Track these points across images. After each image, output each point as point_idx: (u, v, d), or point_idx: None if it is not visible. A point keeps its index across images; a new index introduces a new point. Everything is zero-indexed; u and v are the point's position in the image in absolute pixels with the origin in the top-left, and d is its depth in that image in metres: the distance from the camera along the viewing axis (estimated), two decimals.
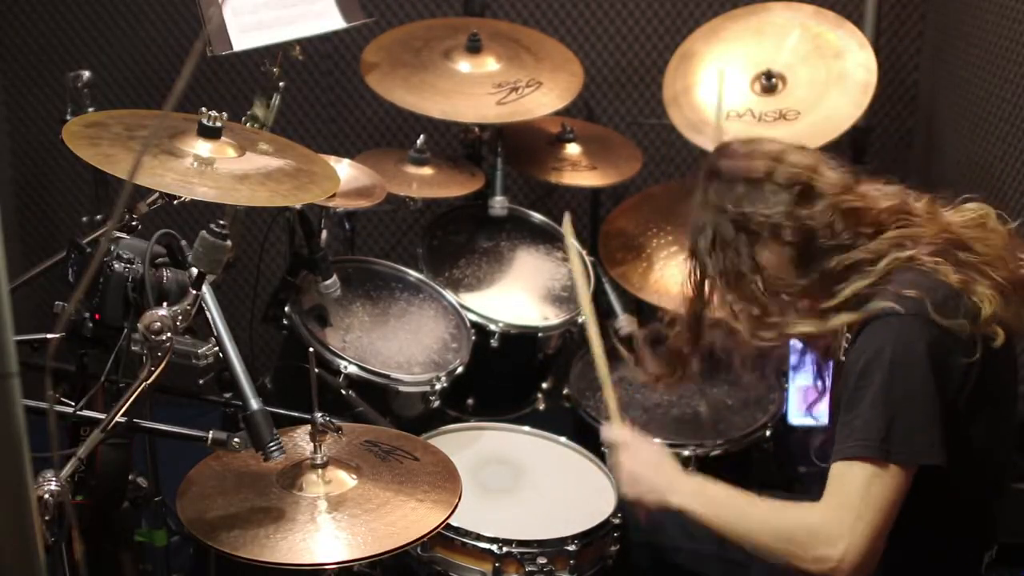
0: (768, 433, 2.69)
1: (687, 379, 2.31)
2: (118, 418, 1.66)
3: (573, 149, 3.20)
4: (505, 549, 2.17)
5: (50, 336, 1.77)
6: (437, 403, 2.64)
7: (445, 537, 2.18)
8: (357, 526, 1.79)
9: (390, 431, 2.15)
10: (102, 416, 1.68)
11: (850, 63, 2.95)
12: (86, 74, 2.57)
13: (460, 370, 2.69)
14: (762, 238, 1.95)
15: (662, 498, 1.99)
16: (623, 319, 2.96)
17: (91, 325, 1.75)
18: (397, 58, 3.05)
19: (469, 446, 2.50)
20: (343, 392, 2.49)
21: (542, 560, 2.18)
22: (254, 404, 1.73)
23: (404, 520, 1.82)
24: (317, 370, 1.93)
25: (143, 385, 1.66)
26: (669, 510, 1.99)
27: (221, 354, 1.80)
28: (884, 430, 1.76)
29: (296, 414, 1.98)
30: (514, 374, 2.98)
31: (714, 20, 3.15)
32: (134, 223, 1.92)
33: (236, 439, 1.73)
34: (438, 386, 2.62)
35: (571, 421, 2.82)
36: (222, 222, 1.68)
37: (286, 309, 2.62)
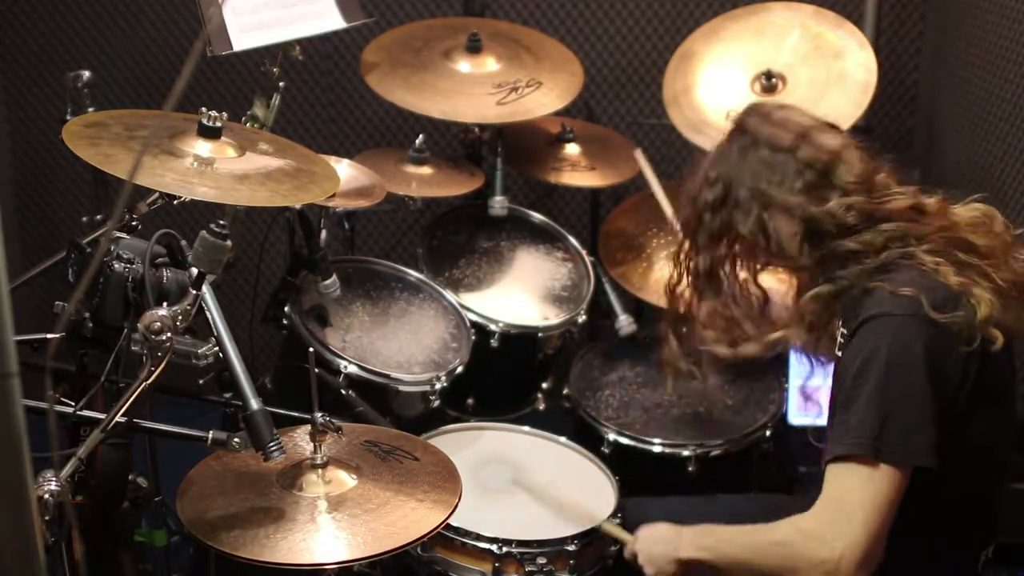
0: (768, 433, 2.69)
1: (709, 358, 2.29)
2: (118, 418, 1.66)
3: (573, 149, 3.20)
4: (505, 549, 2.17)
5: (50, 336, 1.77)
6: (437, 403, 2.64)
7: (445, 537, 2.18)
8: (357, 526, 1.79)
9: (390, 431, 2.15)
10: (102, 416, 1.68)
11: (850, 63, 2.95)
12: (86, 74, 2.57)
13: (460, 370, 2.69)
14: (772, 206, 1.93)
15: (673, 558, 2.01)
16: (623, 319, 2.96)
17: (91, 324, 1.75)
18: (397, 58, 3.05)
19: (469, 446, 2.50)
20: (343, 392, 2.49)
21: (542, 560, 2.18)
22: (254, 404, 1.73)
23: (404, 520, 1.82)
24: (317, 370, 1.93)
25: (143, 385, 1.66)
26: (687, 567, 2.01)
27: (221, 354, 1.80)
28: (878, 428, 1.76)
29: (296, 414, 1.98)
30: (514, 374, 2.98)
31: (714, 20, 3.15)
32: (134, 223, 1.92)
33: (236, 439, 1.73)
34: (438, 386, 2.62)
35: (571, 421, 2.82)
36: (222, 222, 1.68)
37: (286, 309, 2.62)
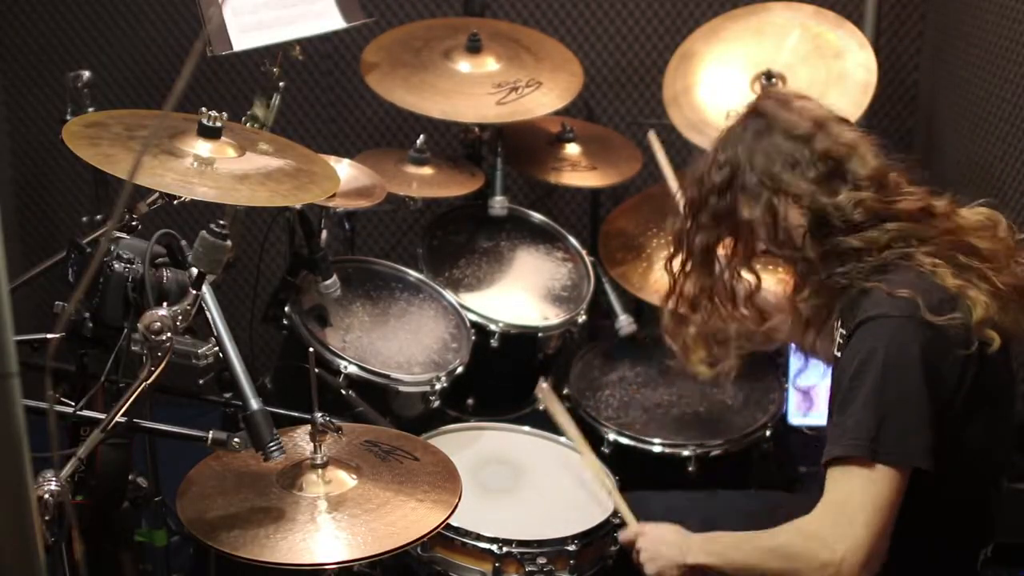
0: (768, 433, 2.69)
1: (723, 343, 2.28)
2: (118, 418, 1.66)
3: (573, 149, 3.20)
4: (505, 549, 2.17)
5: (50, 336, 1.77)
6: (437, 403, 2.64)
7: (445, 537, 2.18)
8: (357, 526, 1.79)
9: (390, 431, 2.15)
10: (102, 416, 1.68)
11: (850, 63, 2.95)
12: (86, 74, 2.57)
13: (460, 370, 2.69)
14: (782, 192, 1.92)
15: (679, 562, 2.02)
16: (623, 319, 2.96)
17: (91, 324, 1.75)
18: (397, 58, 3.05)
19: (469, 446, 2.49)
20: (343, 392, 2.49)
21: (542, 560, 2.18)
22: (254, 404, 1.73)
23: (404, 520, 1.82)
24: (317, 370, 1.93)
25: (143, 385, 1.66)
26: (692, 571, 2.02)
27: (221, 354, 1.80)
28: (875, 430, 1.76)
29: (296, 414, 1.98)
30: (514, 374, 2.97)
31: (714, 20, 3.15)
32: (134, 223, 1.92)
33: (236, 439, 1.73)
34: (438, 386, 2.62)
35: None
36: (222, 222, 1.68)
37: (286, 309, 2.62)
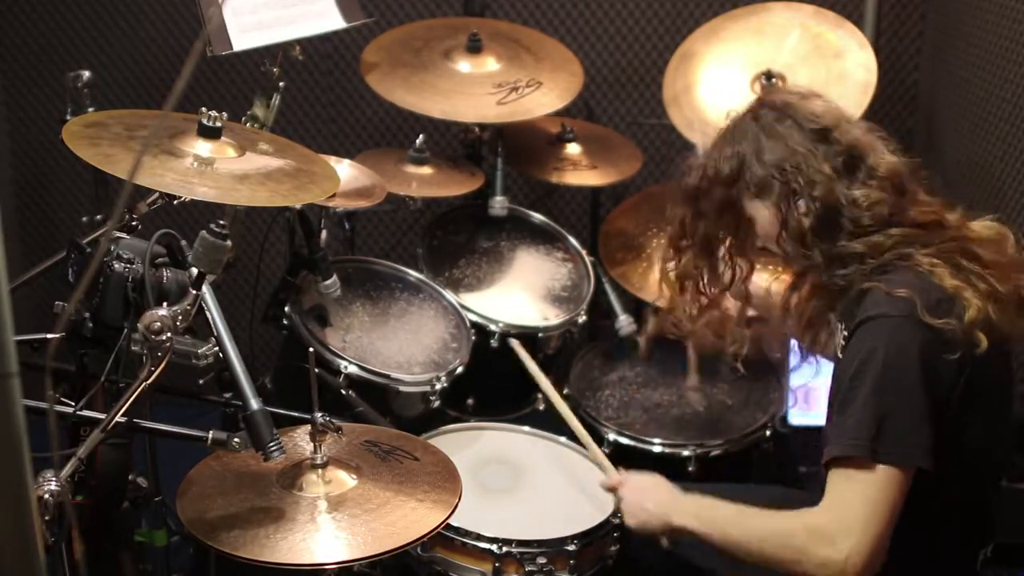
0: (768, 433, 2.69)
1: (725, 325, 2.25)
2: (118, 418, 1.66)
3: (573, 149, 3.20)
4: (505, 549, 2.17)
5: (50, 336, 1.77)
6: (437, 403, 2.64)
7: (445, 537, 2.18)
8: (357, 526, 1.79)
9: (390, 431, 2.15)
10: (102, 416, 1.68)
11: (850, 63, 2.95)
12: (86, 74, 2.57)
13: (460, 370, 2.69)
14: (789, 188, 1.89)
15: (665, 521, 2.01)
16: (623, 319, 2.96)
17: (91, 324, 1.75)
18: (397, 58, 3.05)
19: (469, 446, 2.50)
20: (343, 392, 2.49)
21: (542, 560, 2.18)
22: (254, 404, 1.73)
23: (404, 520, 1.82)
24: (317, 370, 1.93)
25: (143, 385, 1.66)
26: (675, 533, 2.00)
27: (221, 354, 1.80)
28: (875, 430, 1.76)
29: (296, 414, 1.98)
30: (514, 374, 2.97)
31: (714, 20, 3.15)
32: (134, 223, 1.91)
33: (236, 439, 1.73)
34: (438, 386, 2.62)
35: None
36: (222, 222, 1.68)
37: (286, 309, 2.62)
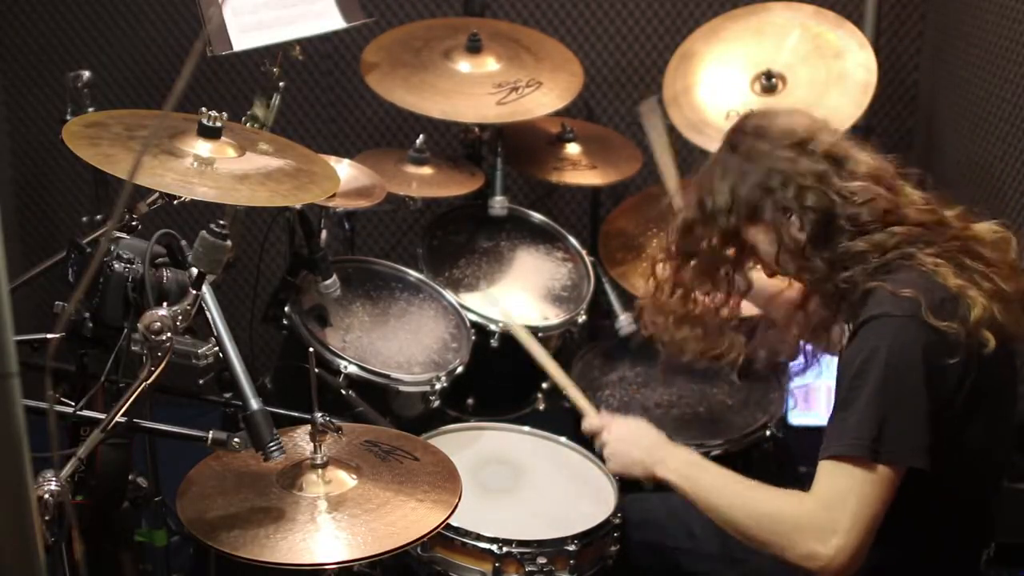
0: (768, 433, 2.69)
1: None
2: (118, 418, 1.66)
3: (573, 149, 3.20)
4: (505, 549, 2.17)
5: (50, 336, 1.77)
6: (437, 403, 2.64)
7: (445, 537, 2.18)
8: (357, 526, 1.79)
9: (390, 431, 2.15)
10: (102, 416, 1.68)
11: (850, 63, 2.95)
12: (86, 74, 2.57)
13: (460, 370, 2.69)
14: (782, 203, 1.91)
15: (648, 471, 2.00)
16: (623, 319, 2.96)
17: (91, 324, 1.75)
18: (397, 58, 3.05)
19: (469, 446, 2.49)
20: (343, 392, 2.49)
21: (542, 560, 2.17)
22: (254, 404, 1.73)
23: (404, 520, 1.81)
24: (317, 370, 1.93)
25: (143, 385, 1.65)
26: (658, 482, 1.99)
27: (221, 354, 1.80)
28: (876, 430, 1.76)
29: (296, 414, 1.98)
30: (514, 374, 2.97)
31: (714, 20, 3.15)
32: (134, 223, 1.92)
33: (236, 439, 1.73)
34: (438, 386, 2.62)
35: (571, 421, 2.81)
36: (222, 222, 1.68)
37: (286, 309, 2.61)
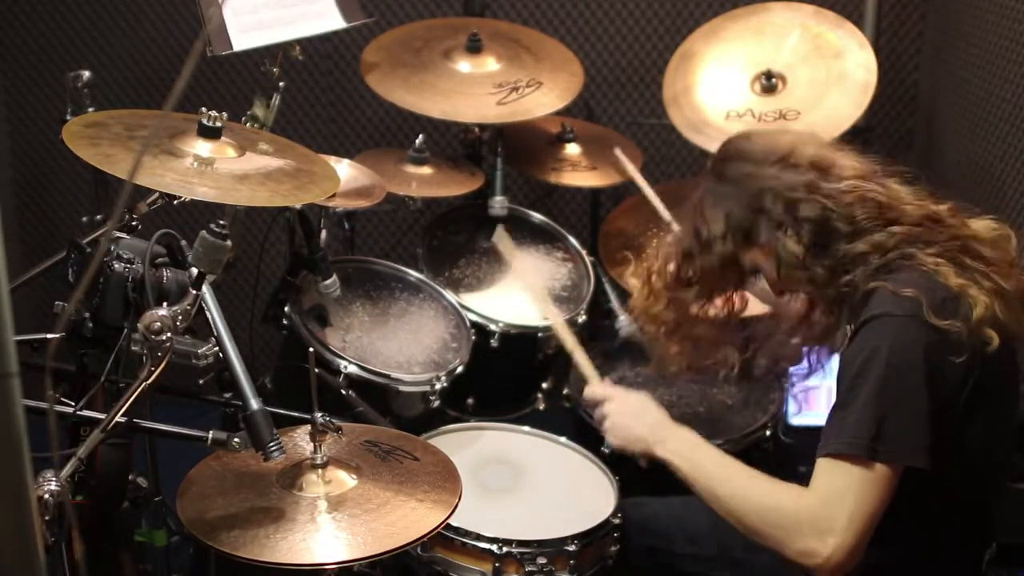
0: (768, 433, 2.69)
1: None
2: (118, 418, 1.66)
3: (573, 149, 3.20)
4: (505, 549, 2.17)
5: (50, 336, 1.77)
6: (437, 403, 2.64)
7: (445, 537, 2.17)
8: (357, 526, 1.79)
9: (390, 431, 2.15)
10: (102, 416, 1.68)
11: (850, 63, 2.95)
12: (86, 74, 2.57)
13: (460, 370, 2.69)
14: (776, 219, 1.91)
15: (648, 449, 1.99)
16: (623, 319, 2.96)
17: (91, 324, 1.75)
18: (397, 58, 3.05)
19: (469, 446, 2.49)
20: (343, 392, 2.49)
21: (542, 560, 2.17)
22: (254, 404, 1.73)
23: (404, 520, 1.81)
24: (317, 370, 1.93)
25: (143, 385, 1.65)
26: (655, 461, 1.99)
27: (221, 354, 1.80)
28: (875, 429, 1.76)
29: (296, 414, 1.98)
30: (514, 374, 2.97)
31: (714, 20, 3.15)
32: (134, 223, 1.91)
33: (236, 439, 1.72)
34: (438, 386, 2.62)
35: (571, 421, 2.81)
36: (222, 222, 1.68)
37: (286, 309, 2.61)
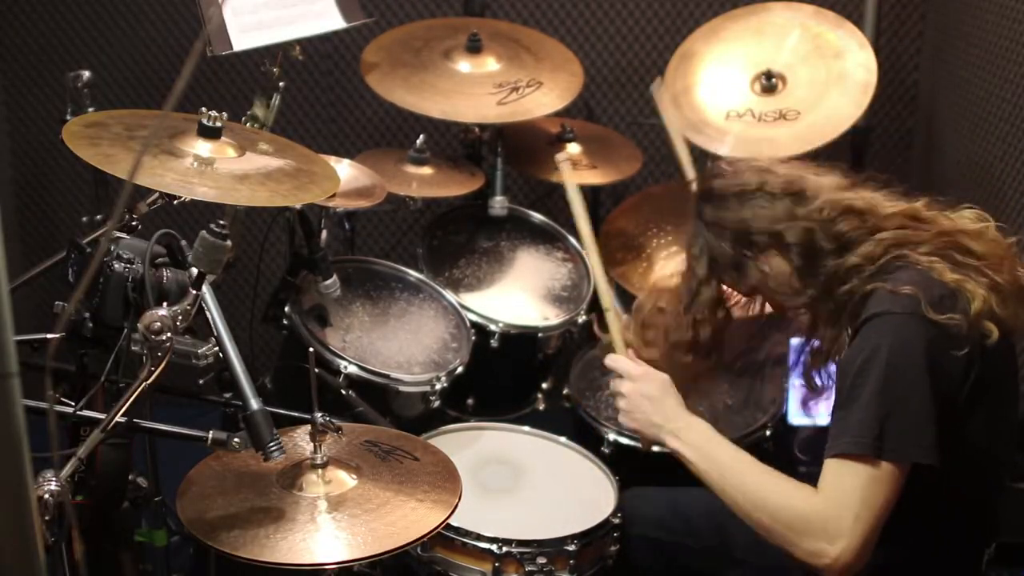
0: (768, 433, 2.69)
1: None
2: (118, 418, 1.66)
3: (573, 149, 3.20)
4: (505, 549, 2.17)
5: (50, 336, 1.77)
6: (437, 403, 2.64)
7: (445, 537, 2.18)
8: (357, 526, 1.79)
9: (390, 431, 2.15)
10: (102, 416, 1.68)
11: (850, 63, 2.95)
12: (86, 74, 2.57)
13: (460, 370, 2.69)
14: (762, 250, 1.95)
15: (659, 437, 1.99)
16: (623, 319, 2.96)
17: (91, 324, 1.75)
18: (397, 58, 3.05)
19: (469, 446, 2.49)
20: (343, 392, 2.49)
21: (542, 560, 2.18)
22: (254, 404, 1.73)
23: (404, 520, 1.81)
24: (317, 370, 1.93)
25: (143, 385, 1.65)
26: (664, 447, 1.99)
27: (221, 354, 1.80)
28: (878, 428, 1.76)
29: (296, 414, 1.98)
30: (514, 374, 2.98)
31: (714, 20, 3.15)
32: (134, 223, 1.92)
33: (236, 439, 1.73)
34: (438, 386, 2.62)
35: (571, 421, 2.82)
36: (222, 222, 1.68)
37: (286, 309, 2.62)
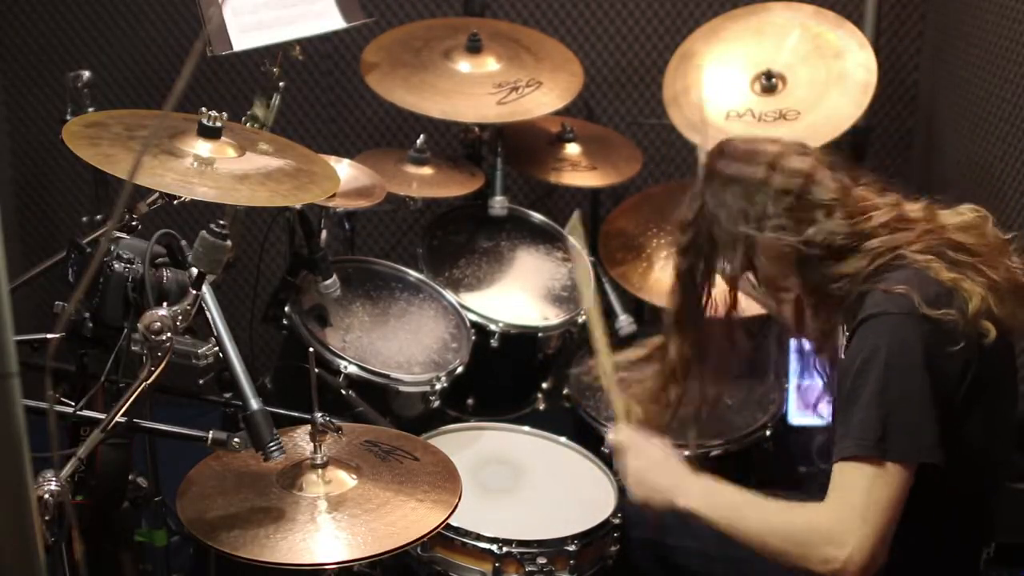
0: (768, 433, 2.69)
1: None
2: (118, 418, 1.66)
3: (573, 149, 3.20)
4: (505, 549, 2.17)
5: (50, 336, 1.77)
6: (437, 403, 2.64)
7: (445, 537, 2.18)
8: (357, 526, 1.79)
9: (390, 431, 2.15)
10: (102, 416, 1.68)
11: (850, 63, 2.95)
12: (86, 74, 2.57)
13: (460, 370, 2.69)
14: (757, 241, 1.95)
15: (669, 499, 1.99)
16: (623, 319, 2.96)
17: (91, 324, 1.75)
18: (397, 58, 3.05)
19: (469, 446, 2.49)
20: (343, 392, 2.49)
21: (542, 560, 2.18)
22: (254, 404, 1.73)
23: (404, 520, 1.82)
24: (317, 370, 1.93)
25: (143, 385, 1.66)
26: (677, 511, 1.99)
27: (221, 354, 1.80)
28: (880, 429, 1.76)
29: (296, 414, 1.98)
30: (514, 374, 2.97)
31: (714, 20, 3.15)
32: (134, 223, 1.92)
33: (236, 439, 1.73)
34: (438, 386, 2.62)
35: (571, 421, 2.81)
36: (222, 222, 1.68)
37: (286, 309, 2.62)
